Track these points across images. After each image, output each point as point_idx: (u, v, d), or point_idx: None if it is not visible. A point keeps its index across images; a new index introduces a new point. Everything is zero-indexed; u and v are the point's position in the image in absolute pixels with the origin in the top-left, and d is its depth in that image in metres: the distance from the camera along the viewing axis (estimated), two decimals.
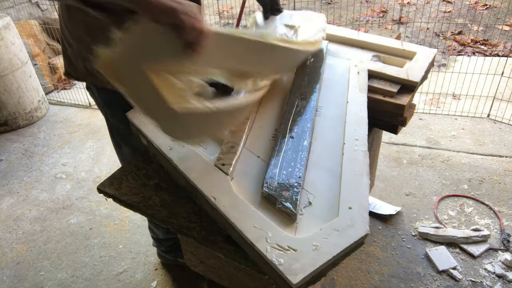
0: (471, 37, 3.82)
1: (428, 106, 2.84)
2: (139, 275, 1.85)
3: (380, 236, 1.90)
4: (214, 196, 0.95)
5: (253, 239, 0.85)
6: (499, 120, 2.63)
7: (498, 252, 1.76)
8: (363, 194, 0.93)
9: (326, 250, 0.81)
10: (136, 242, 2.02)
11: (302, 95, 1.24)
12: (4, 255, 2.03)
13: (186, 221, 1.02)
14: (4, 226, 2.21)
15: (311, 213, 0.93)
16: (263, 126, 1.18)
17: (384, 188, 2.18)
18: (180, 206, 1.07)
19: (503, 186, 2.11)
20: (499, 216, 1.93)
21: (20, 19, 3.69)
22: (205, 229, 1.00)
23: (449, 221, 1.94)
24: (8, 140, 3.00)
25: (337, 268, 1.76)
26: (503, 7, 4.44)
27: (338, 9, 4.74)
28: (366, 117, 1.16)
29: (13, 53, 2.93)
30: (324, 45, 1.50)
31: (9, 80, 2.94)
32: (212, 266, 1.20)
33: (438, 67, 3.34)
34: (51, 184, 2.50)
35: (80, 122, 3.13)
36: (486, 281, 1.65)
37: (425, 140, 2.53)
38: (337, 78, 1.36)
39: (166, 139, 1.12)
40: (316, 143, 1.11)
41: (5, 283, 1.87)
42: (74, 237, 2.09)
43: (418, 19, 4.24)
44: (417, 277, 1.70)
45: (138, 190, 1.12)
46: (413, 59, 1.42)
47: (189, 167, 1.03)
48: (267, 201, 0.96)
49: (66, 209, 2.28)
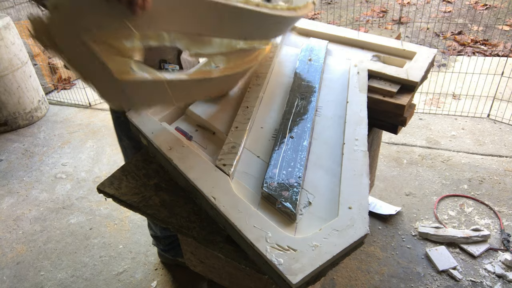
0: (471, 37, 3.82)
1: (428, 106, 2.84)
2: (139, 275, 1.85)
3: (380, 236, 1.90)
4: (214, 196, 0.95)
5: (253, 239, 0.85)
6: (499, 120, 2.63)
7: (498, 252, 1.76)
8: (363, 194, 0.93)
9: (326, 250, 0.82)
10: (136, 242, 2.02)
11: (302, 95, 1.24)
12: (4, 255, 2.03)
13: (186, 221, 1.02)
14: (4, 226, 2.21)
15: (311, 213, 0.93)
16: (263, 126, 1.18)
17: (384, 188, 2.18)
18: (180, 206, 1.07)
19: (503, 186, 2.11)
20: (499, 216, 1.93)
21: (20, 19, 3.69)
22: (205, 229, 1.00)
23: (449, 221, 1.94)
24: (8, 140, 3.00)
25: (337, 268, 1.76)
26: (503, 7, 4.44)
27: (338, 9, 4.74)
28: (366, 117, 1.16)
29: (13, 53, 2.93)
30: (324, 45, 1.50)
31: (9, 80, 2.94)
32: (212, 266, 1.20)
33: (438, 67, 3.34)
34: (51, 184, 2.50)
35: (80, 122, 3.13)
36: (486, 281, 1.65)
37: (425, 140, 2.53)
38: (337, 78, 1.36)
39: (166, 139, 1.12)
40: (316, 143, 1.11)
41: (5, 283, 1.87)
42: (74, 237, 2.09)
43: (418, 19, 4.24)
44: (417, 277, 1.70)
45: (138, 190, 1.12)
46: (413, 59, 1.42)
47: (189, 167, 1.03)
48: (267, 201, 0.96)
49: (66, 209, 2.28)
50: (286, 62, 1.45)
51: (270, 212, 0.93)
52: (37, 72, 3.40)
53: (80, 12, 0.75)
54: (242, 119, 1.17)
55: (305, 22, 1.69)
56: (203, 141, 1.18)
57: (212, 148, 1.15)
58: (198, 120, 1.24)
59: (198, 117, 1.23)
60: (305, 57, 1.43)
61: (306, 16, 1.46)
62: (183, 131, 1.18)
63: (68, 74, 3.76)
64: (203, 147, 1.15)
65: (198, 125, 1.23)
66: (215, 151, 1.13)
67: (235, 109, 1.25)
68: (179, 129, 1.19)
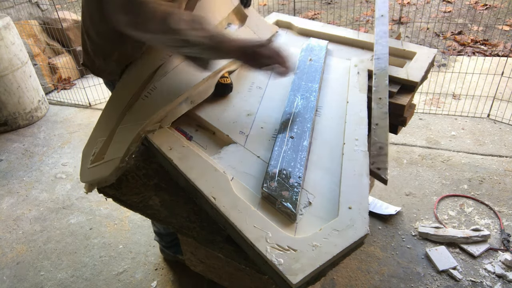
0: (471, 37, 3.82)
1: (428, 106, 2.84)
2: (139, 275, 1.85)
3: (380, 236, 1.90)
4: (214, 196, 0.95)
5: (253, 239, 0.85)
6: (499, 120, 2.63)
7: (498, 252, 1.76)
8: (363, 194, 0.93)
9: (326, 250, 0.82)
10: (136, 242, 2.02)
11: (302, 95, 1.24)
12: (4, 255, 2.03)
13: (186, 221, 1.02)
14: (4, 226, 2.21)
15: (311, 213, 0.93)
16: (263, 126, 1.18)
17: (384, 188, 2.18)
18: (180, 206, 1.07)
19: (503, 186, 2.11)
20: (499, 216, 1.93)
21: (20, 19, 3.69)
22: (205, 229, 1.00)
23: (449, 221, 1.94)
24: (8, 140, 3.00)
25: (337, 268, 1.76)
26: (503, 7, 4.44)
27: (338, 9, 4.74)
28: (366, 117, 1.16)
29: (13, 53, 2.93)
30: (324, 45, 1.50)
31: (9, 80, 2.94)
32: (212, 266, 1.20)
33: (438, 67, 3.33)
34: (51, 184, 2.50)
35: (80, 122, 3.13)
36: (486, 281, 1.65)
37: (425, 140, 2.53)
38: (337, 78, 1.36)
39: (166, 139, 1.12)
40: (316, 143, 1.11)
41: (5, 283, 1.87)
42: (74, 237, 2.09)
43: (418, 19, 4.24)
44: (417, 277, 1.70)
45: (138, 190, 1.12)
46: (413, 59, 1.42)
47: (189, 167, 1.03)
48: (267, 201, 0.96)
49: (66, 209, 2.28)
50: None
51: (270, 212, 0.93)
52: (37, 72, 3.40)
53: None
54: (380, 113, 1.17)
55: (305, 22, 1.69)
56: (203, 141, 1.18)
57: (212, 148, 1.15)
58: (198, 120, 1.24)
59: (198, 117, 1.23)
60: (305, 57, 1.43)
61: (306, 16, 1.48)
62: (183, 131, 1.18)
63: (68, 74, 3.76)
64: (203, 147, 1.15)
65: (198, 125, 1.23)
66: (215, 151, 1.13)
67: (235, 109, 1.25)
68: (179, 129, 1.19)
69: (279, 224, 0.90)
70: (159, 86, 1.17)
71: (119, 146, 1.10)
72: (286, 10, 4.60)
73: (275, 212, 0.93)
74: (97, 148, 1.13)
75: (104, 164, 1.09)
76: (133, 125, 1.11)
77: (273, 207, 0.94)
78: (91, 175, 1.10)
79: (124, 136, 1.10)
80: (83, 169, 1.13)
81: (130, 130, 1.11)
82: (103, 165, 1.09)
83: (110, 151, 1.11)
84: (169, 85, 1.17)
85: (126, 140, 1.09)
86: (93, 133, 1.19)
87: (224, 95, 1.30)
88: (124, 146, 1.08)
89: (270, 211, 0.94)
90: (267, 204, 0.95)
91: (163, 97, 1.15)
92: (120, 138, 1.11)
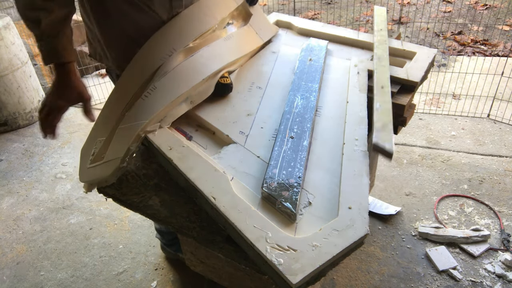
0: (471, 37, 3.82)
1: (428, 106, 2.84)
2: (139, 275, 1.85)
3: (380, 236, 1.90)
4: (214, 196, 0.95)
5: (253, 239, 0.85)
6: (499, 120, 2.63)
7: (498, 252, 1.76)
8: (363, 194, 0.93)
9: (326, 250, 0.82)
10: (136, 242, 2.02)
11: (302, 95, 1.24)
12: (4, 255, 2.03)
13: (186, 221, 1.02)
14: (4, 226, 2.21)
15: (311, 213, 0.93)
16: (263, 126, 1.18)
17: (384, 188, 2.18)
18: (180, 206, 1.07)
19: (503, 186, 2.11)
20: (499, 216, 1.93)
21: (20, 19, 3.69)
22: (205, 229, 1.00)
23: (449, 221, 1.94)
24: (8, 140, 3.00)
25: (337, 268, 1.76)
26: (503, 7, 4.44)
27: (338, 9, 4.74)
28: (366, 117, 1.16)
29: (13, 53, 2.93)
30: (324, 45, 1.50)
31: (9, 80, 2.94)
32: (212, 266, 1.20)
33: (438, 67, 3.34)
34: (51, 184, 2.50)
35: (80, 122, 3.13)
36: (486, 281, 1.65)
37: (425, 140, 2.53)
38: (337, 78, 1.36)
39: (166, 139, 1.12)
40: (316, 143, 1.11)
41: (5, 283, 1.87)
42: (74, 237, 2.09)
43: (418, 19, 4.24)
44: (417, 277, 1.70)
45: (138, 190, 1.12)
46: (413, 59, 1.42)
47: (189, 167, 1.03)
48: (267, 201, 0.96)
49: (66, 209, 2.28)
50: (286, 62, 1.45)
51: (270, 212, 0.93)
52: (37, 72, 3.40)
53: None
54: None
55: (305, 22, 1.69)
56: (203, 141, 1.18)
57: (212, 148, 1.15)
58: (198, 120, 1.24)
59: (198, 117, 1.23)
60: (305, 57, 1.43)
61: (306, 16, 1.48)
62: (183, 131, 1.18)
63: None
64: (203, 147, 1.15)
65: (198, 125, 1.23)
66: (215, 151, 1.13)
67: (235, 109, 1.25)
68: (179, 129, 1.19)
69: (279, 224, 0.90)
70: (159, 86, 1.17)
71: (119, 146, 1.09)
72: (286, 10, 4.60)
73: (275, 212, 0.93)
74: (96, 148, 1.13)
75: (104, 164, 1.09)
76: (133, 125, 1.11)
77: (273, 207, 0.94)
78: (91, 175, 1.10)
79: (124, 136, 1.10)
80: (82, 169, 1.13)
81: (130, 130, 1.11)
82: (103, 165, 1.09)
83: (110, 151, 1.11)
84: (169, 85, 1.17)
85: (126, 140, 1.09)
86: (91, 132, 1.19)
87: (224, 95, 1.30)
88: (124, 146, 1.08)
89: (270, 211, 0.94)
90: (267, 204, 0.95)
91: (163, 97, 1.15)
92: (120, 138, 1.11)
